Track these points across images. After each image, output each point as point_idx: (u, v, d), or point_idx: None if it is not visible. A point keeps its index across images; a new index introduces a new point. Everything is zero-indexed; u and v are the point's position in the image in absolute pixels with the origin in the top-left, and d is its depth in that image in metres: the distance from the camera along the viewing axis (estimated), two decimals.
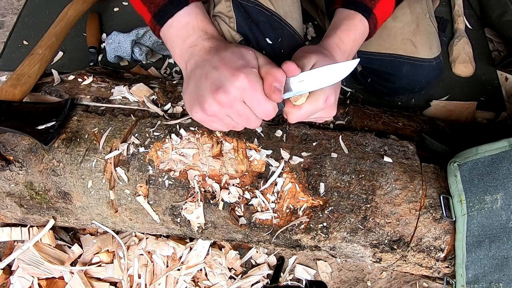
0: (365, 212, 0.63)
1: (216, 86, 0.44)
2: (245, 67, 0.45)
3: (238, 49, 0.48)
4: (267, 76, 0.46)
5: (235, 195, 0.63)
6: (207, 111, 0.46)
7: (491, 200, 0.58)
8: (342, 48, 0.57)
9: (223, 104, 0.45)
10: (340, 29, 0.57)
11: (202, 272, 0.79)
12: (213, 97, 0.45)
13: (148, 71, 0.98)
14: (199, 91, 0.47)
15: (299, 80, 0.48)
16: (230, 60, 0.46)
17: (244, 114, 0.47)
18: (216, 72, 0.45)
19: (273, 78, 0.45)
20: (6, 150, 0.66)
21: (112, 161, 0.64)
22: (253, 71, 0.45)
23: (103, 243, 0.79)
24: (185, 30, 0.51)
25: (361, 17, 0.58)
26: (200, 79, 0.47)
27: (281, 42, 0.67)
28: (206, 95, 0.45)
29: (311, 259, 0.84)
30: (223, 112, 0.46)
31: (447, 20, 1.02)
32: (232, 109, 0.46)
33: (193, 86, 0.48)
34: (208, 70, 0.46)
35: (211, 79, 0.45)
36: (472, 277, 0.61)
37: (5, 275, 0.75)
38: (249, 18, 0.65)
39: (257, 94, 0.45)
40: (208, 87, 0.45)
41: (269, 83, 0.45)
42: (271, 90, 0.45)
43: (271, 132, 0.68)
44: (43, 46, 0.79)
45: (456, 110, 0.92)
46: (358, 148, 0.67)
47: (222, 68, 0.45)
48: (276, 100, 0.46)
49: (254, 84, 0.45)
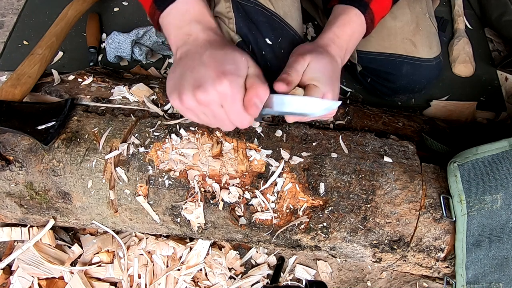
0: (365, 212, 0.63)
1: (198, 83, 0.44)
2: (232, 73, 0.44)
3: (233, 52, 0.48)
4: (250, 89, 0.46)
5: (235, 195, 0.63)
6: (184, 102, 0.46)
7: (491, 200, 0.58)
8: (337, 43, 0.57)
9: (201, 102, 0.45)
10: (336, 25, 0.57)
11: (202, 272, 0.79)
12: (193, 93, 0.45)
13: (148, 71, 0.98)
14: (181, 81, 0.46)
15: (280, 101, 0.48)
16: (220, 61, 0.46)
17: (219, 117, 0.47)
18: (203, 68, 0.45)
19: (255, 93, 0.45)
20: (6, 150, 0.66)
21: (112, 161, 0.64)
22: (239, 80, 0.45)
23: (103, 243, 0.79)
24: (182, 18, 0.51)
25: (357, 12, 0.58)
26: (186, 70, 0.47)
27: (281, 43, 0.67)
28: (186, 87, 0.45)
29: (311, 259, 0.84)
30: (199, 109, 0.46)
31: (447, 20, 1.02)
32: (208, 108, 0.46)
33: (178, 74, 0.48)
34: (196, 64, 0.46)
35: (196, 74, 0.45)
36: (472, 277, 0.61)
37: (5, 275, 0.75)
38: (248, 18, 0.65)
39: (235, 103, 0.45)
40: (191, 82, 0.45)
41: (250, 96, 0.45)
42: (250, 104, 0.45)
43: (271, 132, 0.68)
44: (43, 46, 0.79)
45: (456, 110, 0.92)
46: (358, 148, 0.67)
47: (209, 66, 0.45)
48: (252, 114, 0.46)
49: (235, 94, 0.45)
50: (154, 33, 0.95)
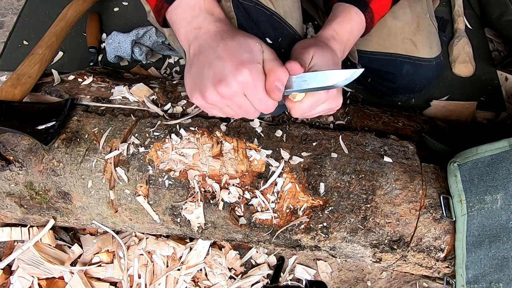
0: (365, 212, 0.63)
1: (219, 78, 0.45)
2: (250, 62, 0.45)
3: (245, 39, 0.48)
4: (270, 74, 0.46)
5: (235, 195, 0.63)
6: (207, 99, 0.46)
7: (491, 200, 0.58)
8: (337, 39, 0.57)
9: (224, 95, 0.45)
10: (335, 21, 0.58)
11: (202, 272, 0.79)
12: (215, 88, 0.45)
13: (148, 71, 0.98)
14: (201, 79, 0.47)
15: (301, 80, 0.48)
16: (235, 52, 0.46)
17: (244, 106, 0.47)
18: (220, 62, 0.45)
19: (276, 76, 0.45)
20: (6, 150, 0.66)
21: (112, 161, 0.64)
22: (257, 67, 0.45)
23: (103, 243, 0.79)
24: (191, 11, 0.50)
25: (357, 10, 0.58)
26: (204, 67, 0.47)
27: (281, 42, 0.67)
28: (207, 84, 0.45)
29: (311, 259, 0.84)
30: (223, 102, 0.47)
31: (447, 20, 1.02)
32: (232, 101, 0.46)
33: (195, 72, 0.48)
34: (212, 59, 0.46)
35: (214, 69, 0.45)
36: (472, 277, 0.61)
37: (5, 275, 0.75)
38: (249, 18, 0.64)
39: (258, 90, 0.45)
40: (211, 77, 0.45)
41: (271, 81, 0.46)
42: (272, 88, 0.45)
43: (271, 132, 0.68)
44: (43, 46, 0.79)
45: (456, 110, 0.92)
46: (358, 148, 0.67)
47: (226, 59, 0.45)
48: (275, 98, 0.46)
49: (257, 81, 0.45)
50: (154, 33, 0.95)
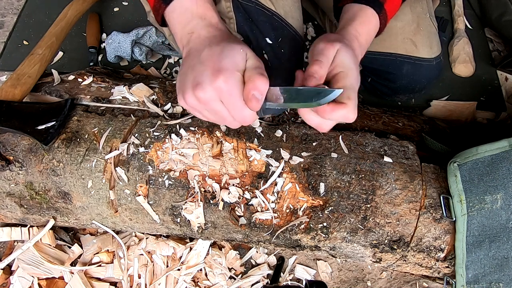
0: (365, 212, 0.63)
1: (197, 82, 0.45)
2: (228, 69, 0.44)
3: (230, 45, 0.47)
4: (248, 82, 0.45)
5: (235, 195, 0.63)
6: (187, 101, 0.47)
7: (491, 200, 0.58)
8: (359, 40, 0.56)
9: (200, 100, 0.45)
10: (357, 21, 0.56)
11: (202, 272, 0.79)
12: (192, 91, 0.45)
13: (148, 71, 0.98)
14: (184, 81, 0.47)
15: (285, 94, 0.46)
16: (216, 58, 0.45)
17: (220, 113, 0.47)
18: (201, 67, 0.46)
19: (253, 85, 0.44)
20: (6, 150, 0.66)
21: (112, 161, 0.64)
22: (235, 74, 0.45)
23: (103, 243, 0.79)
24: (185, 15, 0.51)
25: (373, 12, 0.57)
26: (188, 69, 0.47)
27: (281, 42, 0.67)
28: (187, 87, 0.46)
29: (311, 259, 0.84)
30: (200, 107, 0.47)
31: (447, 20, 1.02)
32: (208, 106, 0.46)
33: (182, 74, 0.49)
34: (195, 63, 0.47)
35: (195, 72, 0.46)
36: (472, 277, 0.61)
37: (5, 275, 0.75)
38: (249, 18, 0.65)
39: (233, 98, 0.45)
40: (191, 80, 0.46)
41: (248, 89, 0.44)
42: (248, 97, 0.44)
43: (271, 132, 0.68)
44: (43, 46, 0.79)
45: (456, 110, 0.92)
46: (358, 148, 0.67)
47: (206, 64, 0.45)
48: (252, 108, 0.45)
49: (231, 88, 0.44)
50: (154, 33, 0.95)
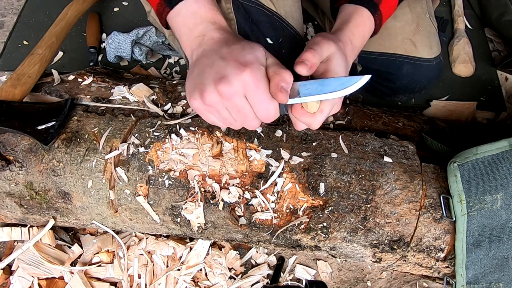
0: (365, 212, 0.63)
1: (220, 76, 0.43)
2: (253, 62, 0.44)
3: (249, 44, 0.47)
4: (274, 76, 0.44)
5: (235, 195, 0.63)
6: (206, 99, 0.45)
7: (491, 200, 0.58)
8: (353, 43, 0.56)
9: (224, 95, 0.44)
10: (352, 23, 0.56)
11: (202, 272, 0.79)
12: (215, 86, 0.43)
13: (148, 71, 0.98)
14: (201, 79, 0.45)
15: (306, 88, 0.46)
16: (239, 53, 0.45)
17: (243, 111, 0.45)
18: (222, 62, 0.44)
19: (281, 78, 0.44)
20: (6, 150, 0.66)
21: (112, 161, 0.64)
22: (260, 68, 0.44)
23: (103, 243, 0.79)
24: (193, 18, 0.50)
25: (368, 13, 0.57)
26: (205, 67, 0.46)
27: (282, 42, 0.67)
28: (207, 83, 0.44)
29: (311, 259, 0.84)
30: (222, 103, 0.45)
31: (447, 20, 1.02)
32: (231, 102, 0.44)
33: (196, 74, 0.47)
34: (215, 59, 0.45)
35: (216, 68, 0.44)
36: (472, 277, 0.61)
37: (5, 275, 0.75)
38: (249, 18, 0.64)
39: (260, 91, 0.44)
40: (212, 76, 0.44)
41: (276, 82, 0.44)
42: (278, 89, 0.44)
43: (271, 132, 0.68)
44: (43, 46, 0.79)
45: (456, 110, 0.92)
46: (358, 148, 0.67)
47: (229, 59, 0.44)
48: (281, 100, 0.45)
49: (259, 81, 0.44)
50: (154, 33, 0.95)
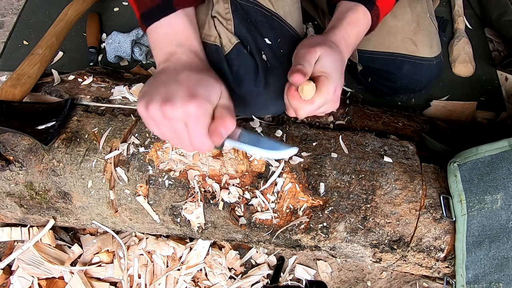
0: (365, 212, 0.63)
1: (168, 98, 0.45)
2: (202, 98, 0.46)
3: (209, 78, 0.49)
4: (217, 119, 0.47)
5: (235, 195, 0.63)
6: (149, 111, 0.47)
7: (491, 200, 0.58)
8: (347, 41, 0.57)
9: (165, 115, 0.46)
10: (346, 21, 0.57)
11: (202, 272, 0.79)
12: (160, 105, 0.45)
13: (148, 71, 0.98)
14: (153, 91, 0.48)
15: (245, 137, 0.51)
16: (194, 83, 0.47)
17: (180, 135, 0.48)
18: (176, 86, 0.47)
19: (223, 123, 0.47)
20: (6, 150, 0.66)
21: (112, 161, 0.64)
22: (207, 106, 0.46)
23: (103, 243, 0.79)
24: (164, 39, 0.53)
25: (365, 10, 0.57)
26: (160, 83, 0.48)
27: (280, 42, 0.67)
28: (156, 98, 0.46)
29: (311, 259, 0.84)
30: (162, 121, 0.47)
31: (447, 20, 1.02)
32: (171, 124, 0.46)
33: (152, 84, 0.49)
34: (171, 80, 0.48)
35: (168, 88, 0.47)
36: (472, 277, 0.61)
37: (5, 275, 0.75)
38: (247, 19, 0.64)
39: (198, 126, 0.46)
40: (162, 94, 0.46)
41: (216, 125, 0.47)
42: (215, 132, 0.47)
43: (271, 132, 0.68)
44: (43, 46, 0.79)
45: (456, 110, 0.92)
46: (358, 148, 0.67)
47: (183, 85, 0.46)
48: (214, 142, 0.48)
49: (201, 117, 0.46)
50: None
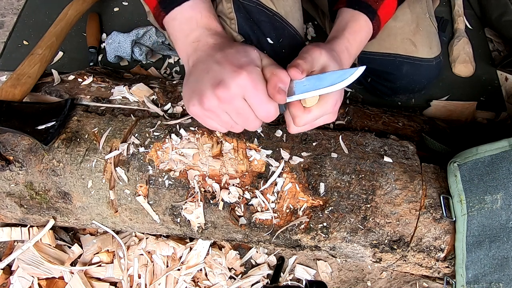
0: (365, 212, 0.63)
1: (217, 80, 0.44)
2: (248, 65, 0.44)
3: (243, 47, 0.48)
4: (272, 77, 0.45)
5: (235, 195, 0.63)
6: (205, 105, 0.45)
7: (491, 200, 0.58)
8: (350, 51, 0.56)
9: (223, 99, 0.44)
10: (348, 31, 0.56)
11: (202, 272, 0.79)
12: (213, 91, 0.44)
13: (148, 71, 0.98)
14: (199, 85, 0.46)
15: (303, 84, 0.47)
16: (233, 57, 0.45)
17: (244, 113, 0.46)
18: (218, 67, 0.45)
19: (278, 78, 0.44)
20: (6, 150, 0.66)
21: (112, 161, 0.64)
22: (256, 70, 0.45)
23: (103, 243, 0.79)
24: (188, 24, 0.50)
25: (366, 18, 0.57)
26: (202, 73, 0.46)
27: (282, 42, 0.67)
28: (206, 88, 0.44)
29: (311, 259, 0.84)
30: (221, 108, 0.45)
31: (447, 20, 1.02)
32: (231, 105, 0.45)
33: (193, 80, 0.47)
34: (211, 65, 0.46)
35: (212, 73, 0.45)
36: (472, 277, 0.61)
37: (5, 275, 0.75)
38: (250, 18, 0.65)
39: (258, 93, 0.44)
40: (209, 81, 0.44)
41: (273, 83, 0.44)
42: (275, 90, 0.44)
43: (271, 132, 0.68)
44: (43, 46, 0.79)
45: (456, 110, 0.92)
46: (358, 148, 0.67)
47: (225, 63, 0.45)
48: (279, 101, 0.45)
49: (256, 83, 0.44)
50: (154, 33, 0.95)
